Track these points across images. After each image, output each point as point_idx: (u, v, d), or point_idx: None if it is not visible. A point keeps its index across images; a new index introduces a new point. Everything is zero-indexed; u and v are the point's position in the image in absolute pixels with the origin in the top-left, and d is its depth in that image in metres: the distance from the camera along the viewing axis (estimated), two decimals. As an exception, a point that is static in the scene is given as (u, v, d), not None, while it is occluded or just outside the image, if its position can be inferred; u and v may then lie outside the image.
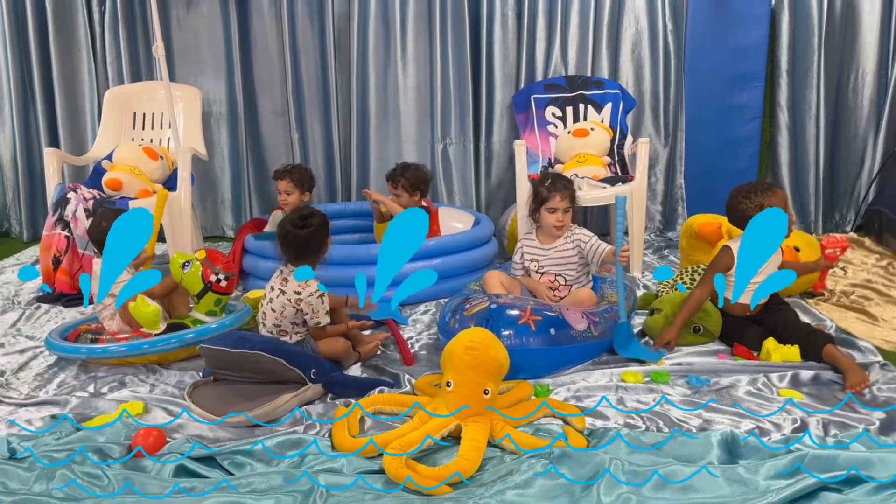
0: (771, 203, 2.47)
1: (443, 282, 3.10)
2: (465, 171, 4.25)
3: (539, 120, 3.99)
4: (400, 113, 4.21)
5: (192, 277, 2.54)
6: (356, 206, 3.98)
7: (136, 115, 3.89)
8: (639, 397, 2.18)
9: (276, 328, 2.35)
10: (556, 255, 2.69)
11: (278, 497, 1.65)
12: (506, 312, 2.30)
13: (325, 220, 2.42)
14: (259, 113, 4.29)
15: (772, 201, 2.48)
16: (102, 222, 2.61)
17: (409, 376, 2.33)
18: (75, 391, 2.32)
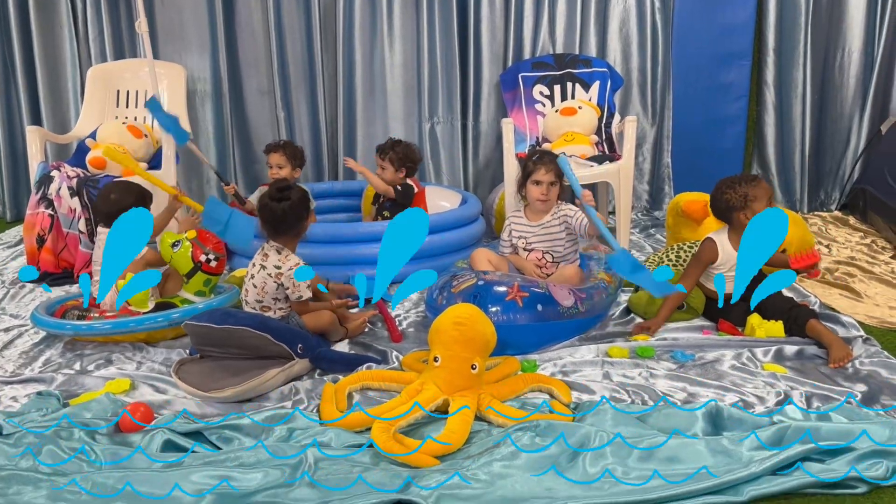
0: (755, 193, 2.47)
1: (430, 260, 3.12)
2: (453, 150, 4.24)
3: (527, 98, 3.98)
4: (387, 91, 4.18)
5: (181, 257, 2.53)
6: (343, 186, 3.97)
7: (119, 92, 3.85)
8: (624, 371, 2.20)
9: (259, 304, 2.34)
10: (543, 232, 2.70)
11: (266, 470, 1.66)
12: (493, 289, 2.30)
13: (304, 194, 2.40)
14: (244, 91, 4.25)
15: (756, 192, 2.47)
16: (111, 194, 2.60)
17: (397, 353, 2.34)
18: (61, 368, 2.31)
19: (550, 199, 2.67)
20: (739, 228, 2.43)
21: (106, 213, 2.61)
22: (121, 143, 3.51)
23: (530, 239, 2.71)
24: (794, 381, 2.12)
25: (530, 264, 2.71)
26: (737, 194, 2.48)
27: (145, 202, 2.64)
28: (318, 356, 2.21)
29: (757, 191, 2.48)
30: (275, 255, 2.33)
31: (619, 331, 2.53)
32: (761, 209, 2.46)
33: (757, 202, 2.47)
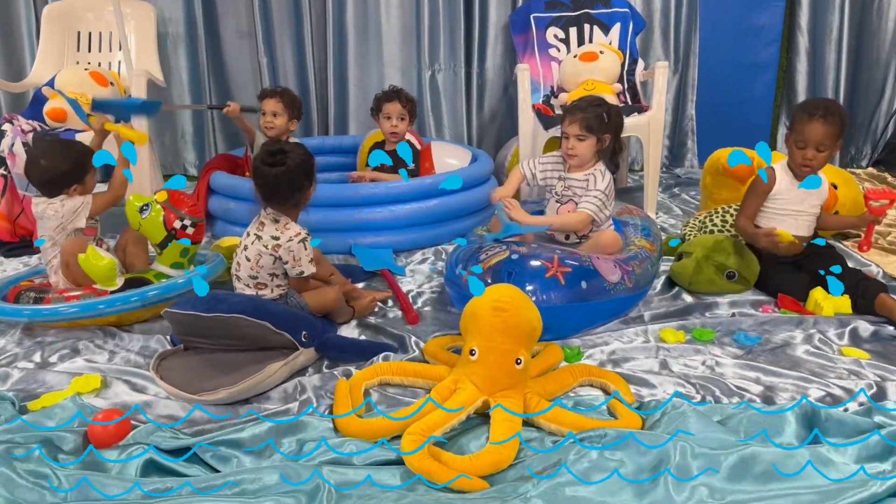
0: (801, 127, 2.23)
1: (440, 225, 2.78)
2: (456, 101, 3.86)
3: (539, 42, 3.59)
4: (382, 34, 3.76)
5: (152, 223, 2.15)
6: (335, 142, 3.57)
7: (80, 34, 3.39)
8: (685, 359, 1.89)
9: (253, 280, 1.98)
10: (574, 184, 2.32)
11: (277, 499, 1.32)
12: (529, 263, 1.96)
13: (304, 159, 1.99)
14: (221, 34, 3.80)
15: (804, 126, 2.23)
16: (41, 160, 2.18)
17: (417, 338, 2.00)
18: (17, 361, 1.94)
19: (579, 154, 2.30)
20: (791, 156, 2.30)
21: (38, 182, 2.19)
22: (83, 92, 3.08)
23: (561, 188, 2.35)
24: (883, 368, 1.83)
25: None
26: (796, 117, 2.27)
27: (85, 167, 2.21)
28: (326, 344, 1.87)
29: (806, 125, 2.22)
30: (272, 224, 1.97)
31: (667, 308, 2.21)
32: (806, 148, 2.23)
33: (798, 135, 2.24)
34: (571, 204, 2.32)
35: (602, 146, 2.26)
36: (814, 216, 2.35)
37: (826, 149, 2.22)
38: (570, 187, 2.32)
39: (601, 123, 2.23)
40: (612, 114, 2.26)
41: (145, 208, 2.15)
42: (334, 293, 2.02)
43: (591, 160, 2.29)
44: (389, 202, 2.70)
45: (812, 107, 2.23)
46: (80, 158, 2.17)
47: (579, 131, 2.24)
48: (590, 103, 2.27)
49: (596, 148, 2.26)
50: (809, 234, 2.36)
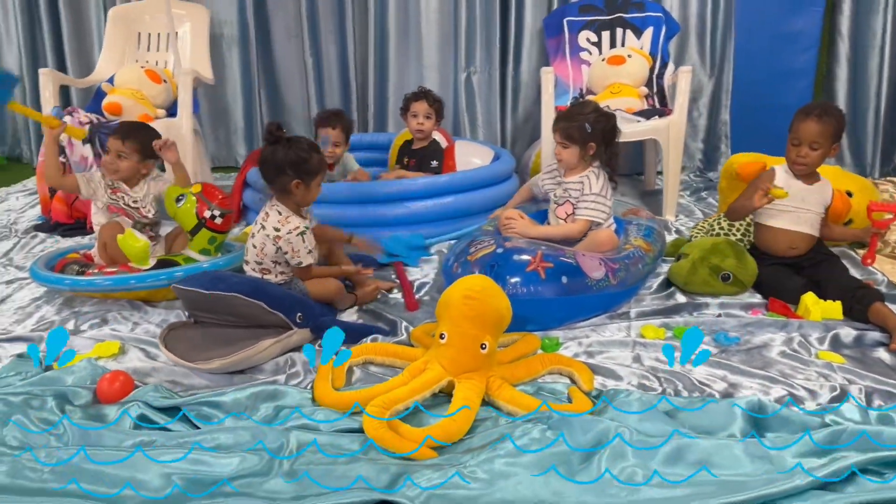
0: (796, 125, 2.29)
1: (458, 222, 2.91)
2: (490, 103, 3.97)
3: (571, 46, 3.67)
4: (421, 38, 3.92)
5: (185, 212, 2.36)
6: (371, 138, 3.74)
7: (140, 35, 3.68)
8: (658, 355, 1.96)
9: (259, 266, 2.16)
10: (569, 187, 2.43)
11: (243, 456, 1.49)
12: (513, 258, 2.07)
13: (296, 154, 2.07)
14: (272, 35, 4.03)
15: (799, 124, 2.29)
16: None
17: (408, 324, 2.14)
18: (54, 327, 2.18)
19: (563, 160, 2.41)
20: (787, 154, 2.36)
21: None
22: (139, 89, 3.35)
23: (559, 192, 2.47)
24: (853, 372, 1.85)
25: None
26: (794, 117, 2.33)
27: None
28: (320, 325, 2.03)
29: (801, 123, 2.28)
30: (275, 215, 2.14)
31: (657, 307, 2.28)
32: (800, 145, 2.29)
33: (793, 133, 2.31)
34: (568, 205, 2.42)
35: (588, 153, 2.36)
36: (816, 215, 2.37)
37: (820, 147, 2.26)
38: (567, 190, 2.42)
39: (582, 133, 2.33)
40: (598, 123, 2.34)
41: (181, 198, 2.36)
42: (335, 285, 2.18)
43: (579, 165, 2.39)
44: (407, 199, 2.84)
45: (810, 107, 2.29)
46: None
47: (561, 139, 2.36)
48: (578, 112, 2.37)
49: (580, 155, 2.36)
50: (811, 232, 2.38)
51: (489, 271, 2.03)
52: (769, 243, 2.41)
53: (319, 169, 2.16)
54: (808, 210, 2.36)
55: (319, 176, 2.17)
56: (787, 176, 2.38)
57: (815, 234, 2.40)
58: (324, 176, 2.19)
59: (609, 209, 2.45)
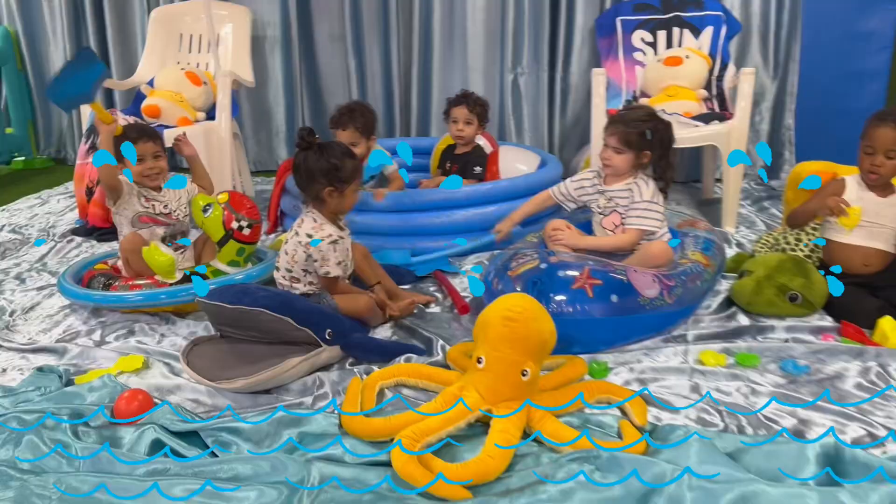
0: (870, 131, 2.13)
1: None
2: (538, 106, 3.81)
3: (625, 46, 3.49)
4: (467, 38, 3.78)
5: (213, 222, 2.27)
6: (414, 143, 3.61)
7: (182, 36, 3.63)
8: (719, 384, 1.78)
9: (289, 273, 2.06)
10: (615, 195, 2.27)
11: (262, 489, 1.37)
12: (557, 274, 1.91)
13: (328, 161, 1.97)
14: (315, 37, 3.94)
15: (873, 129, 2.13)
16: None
17: (444, 342, 2.00)
18: (79, 338, 2.11)
19: (613, 165, 2.24)
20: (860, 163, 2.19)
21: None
22: (178, 91, 3.30)
23: (602, 201, 2.31)
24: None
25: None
26: (867, 123, 2.16)
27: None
28: (350, 343, 1.91)
29: (876, 130, 2.12)
30: (310, 222, 2.03)
31: (717, 329, 2.09)
32: (874, 154, 2.13)
33: (867, 140, 2.14)
34: (615, 215, 2.26)
35: (641, 162, 2.20)
36: (891, 230, 2.17)
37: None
38: (613, 199, 2.26)
39: (642, 140, 2.17)
40: (658, 131, 2.18)
41: (208, 208, 2.28)
42: (365, 302, 2.05)
43: (627, 173, 2.23)
44: (447, 208, 2.71)
45: (885, 112, 2.12)
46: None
47: (617, 144, 2.20)
48: (637, 118, 2.21)
49: (634, 163, 2.21)
50: (887, 248, 2.17)
51: (531, 288, 1.88)
52: (841, 261, 2.21)
53: (354, 176, 2.05)
54: (882, 225, 2.17)
55: (354, 183, 2.06)
56: (859, 187, 2.19)
57: (890, 251, 2.19)
58: (360, 183, 2.08)
59: (662, 217, 2.27)
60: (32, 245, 2.96)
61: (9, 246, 2.94)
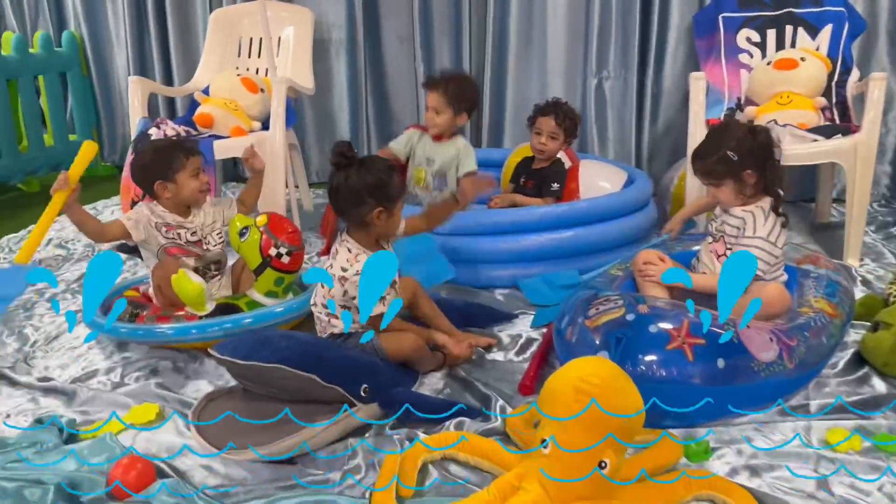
0: None
1: (576, 260, 2.41)
2: (625, 114, 3.41)
3: (728, 47, 3.06)
4: (546, 39, 3.42)
5: (249, 248, 2.02)
6: (484, 155, 3.28)
7: (242, 39, 3.42)
8: (854, 480, 1.38)
9: (325, 309, 1.77)
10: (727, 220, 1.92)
11: None
12: (648, 329, 1.55)
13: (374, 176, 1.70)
14: (382, 39, 3.67)
15: None
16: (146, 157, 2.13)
17: (504, 402, 1.67)
18: (96, 376, 1.89)
19: (723, 200, 1.91)
20: None
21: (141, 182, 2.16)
22: (232, 98, 3.08)
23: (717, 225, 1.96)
24: None
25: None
26: None
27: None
28: (391, 399, 1.60)
29: None
30: (344, 253, 1.74)
31: (846, 395, 1.67)
32: None
33: None
34: (721, 244, 1.89)
35: (748, 183, 1.83)
36: None
37: None
38: (724, 223, 1.90)
39: (729, 165, 1.83)
40: (741, 145, 1.82)
41: (245, 231, 2.03)
42: (411, 340, 1.74)
43: (740, 200, 1.85)
44: (518, 231, 2.37)
45: None
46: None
47: (706, 180, 1.87)
48: (712, 145, 1.88)
49: (738, 189, 1.84)
50: None
51: (614, 347, 1.52)
52: None
53: (401, 192, 1.76)
54: None
55: (400, 202, 1.77)
56: None
57: None
58: (404, 200, 1.78)
59: (777, 259, 1.87)
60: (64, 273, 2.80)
61: (51, 263, 2.78)
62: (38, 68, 3.76)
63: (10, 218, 3.39)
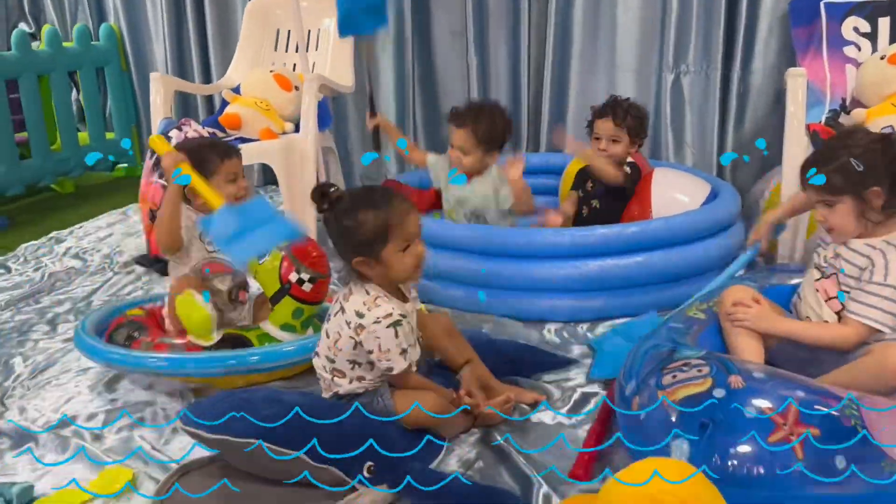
0: None
1: (647, 291, 2.03)
2: (706, 114, 2.99)
3: (831, 38, 2.61)
4: (616, 30, 3.03)
5: (267, 272, 1.75)
6: (542, 160, 2.93)
7: (279, 33, 3.14)
8: None
9: (330, 364, 1.45)
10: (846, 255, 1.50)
11: None
12: (744, 412, 1.16)
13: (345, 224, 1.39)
14: (433, 31, 3.34)
15: None
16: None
17: (550, 489, 1.31)
18: (79, 419, 1.63)
19: (834, 226, 1.50)
20: None
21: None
22: (264, 97, 2.81)
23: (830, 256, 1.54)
24: None
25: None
26: None
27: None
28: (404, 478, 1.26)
29: None
30: (360, 294, 1.41)
31: None
32: None
33: None
34: (833, 282, 1.49)
35: (873, 204, 1.43)
36: None
37: None
38: (839, 257, 1.49)
39: (850, 179, 1.44)
40: (871, 153, 1.44)
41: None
42: (433, 404, 1.39)
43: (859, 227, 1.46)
44: (576, 256, 2.01)
45: None
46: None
47: (820, 197, 1.44)
48: (827, 156, 1.49)
49: (859, 211, 1.45)
50: None
51: (700, 437, 1.15)
52: None
53: (377, 235, 1.38)
54: None
55: (391, 244, 1.39)
56: None
57: None
58: (406, 238, 1.40)
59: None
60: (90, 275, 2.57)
61: (61, 277, 2.55)
62: (72, 63, 3.58)
63: (33, 224, 3.20)
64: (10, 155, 3.25)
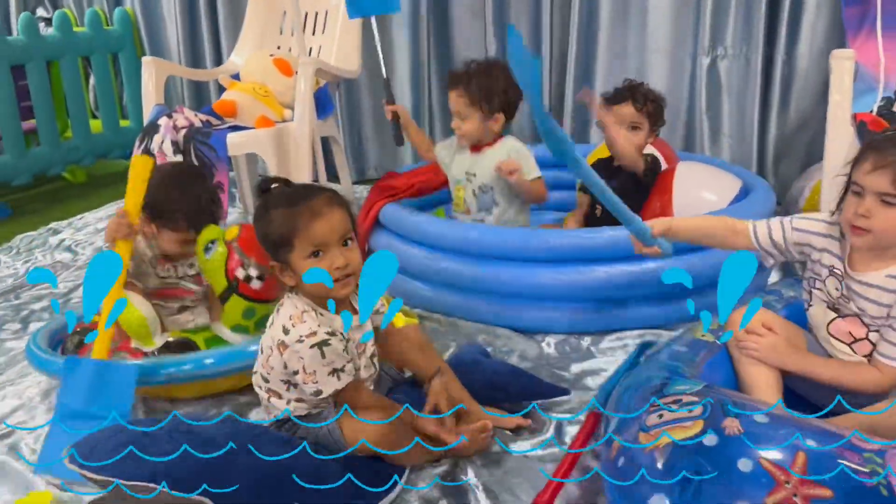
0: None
1: (662, 303, 1.81)
2: (745, 101, 2.73)
3: (888, 17, 2.32)
4: (647, 9, 2.79)
5: (213, 268, 1.59)
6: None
7: (286, 14, 2.98)
8: None
9: (265, 384, 1.27)
10: (864, 292, 1.23)
11: None
12: (737, 464, 0.94)
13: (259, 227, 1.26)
14: (451, 13, 3.14)
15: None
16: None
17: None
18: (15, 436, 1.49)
19: (874, 230, 1.19)
20: None
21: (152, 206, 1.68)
22: (263, 82, 2.65)
23: (845, 292, 1.27)
24: None
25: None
26: None
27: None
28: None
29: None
30: (289, 307, 1.23)
31: None
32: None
33: None
34: (856, 322, 1.24)
35: None
36: None
37: None
38: (854, 293, 1.23)
39: None
40: None
41: (211, 246, 1.59)
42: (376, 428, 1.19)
43: None
44: (587, 260, 1.80)
45: None
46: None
47: (884, 188, 1.16)
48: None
49: None
50: None
51: (679, 492, 0.93)
52: None
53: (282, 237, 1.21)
54: None
55: (297, 250, 1.20)
56: None
57: None
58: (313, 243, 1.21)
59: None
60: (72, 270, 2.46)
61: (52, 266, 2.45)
62: (83, 48, 3.48)
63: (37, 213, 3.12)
64: (17, 143, 3.17)
